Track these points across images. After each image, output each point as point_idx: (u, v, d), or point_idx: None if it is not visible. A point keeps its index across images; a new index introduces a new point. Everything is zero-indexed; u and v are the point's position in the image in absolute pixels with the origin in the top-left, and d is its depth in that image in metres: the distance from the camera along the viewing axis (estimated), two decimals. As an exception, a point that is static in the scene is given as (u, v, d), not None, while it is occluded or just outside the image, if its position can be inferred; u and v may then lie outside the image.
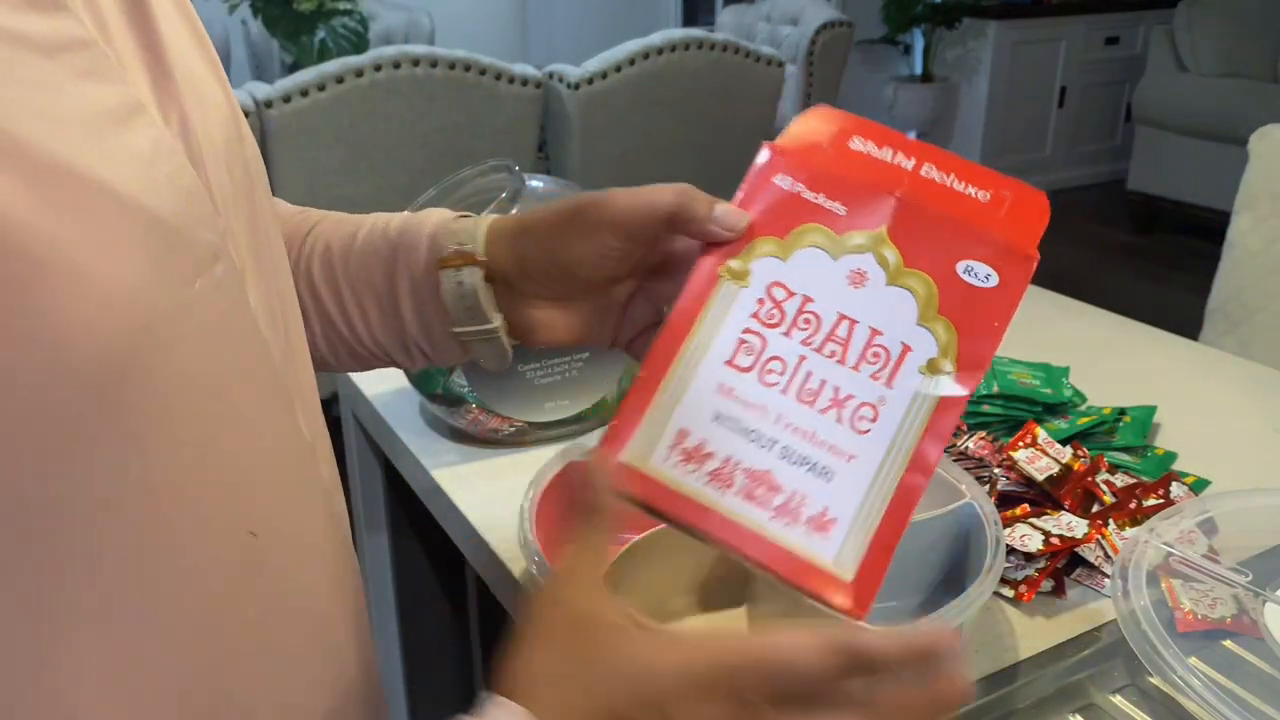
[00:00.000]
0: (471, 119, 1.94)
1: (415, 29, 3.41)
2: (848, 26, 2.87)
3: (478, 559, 0.78)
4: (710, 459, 0.40)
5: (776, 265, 0.43)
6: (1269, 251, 1.27)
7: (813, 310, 0.42)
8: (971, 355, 0.41)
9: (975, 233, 0.43)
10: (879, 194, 0.44)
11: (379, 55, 1.81)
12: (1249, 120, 1.73)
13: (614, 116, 2.09)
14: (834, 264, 0.43)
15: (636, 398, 0.41)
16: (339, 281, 0.51)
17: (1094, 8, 4.46)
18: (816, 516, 0.39)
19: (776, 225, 0.43)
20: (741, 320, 0.42)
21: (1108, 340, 1.12)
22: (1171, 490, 0.76)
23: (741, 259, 0.43)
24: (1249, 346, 1.27)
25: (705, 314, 0.42)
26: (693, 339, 0.42)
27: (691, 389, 0.41)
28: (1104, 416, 0.88)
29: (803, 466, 0.39)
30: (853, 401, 0.40)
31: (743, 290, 0.43)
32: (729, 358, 0.41)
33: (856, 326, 0.42)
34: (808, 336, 0.42)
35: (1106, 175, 4.81)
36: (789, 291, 0.42)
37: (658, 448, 0.40)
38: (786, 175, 0.44)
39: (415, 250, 0.49)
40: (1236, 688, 0.54)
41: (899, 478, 0.39)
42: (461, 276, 0.48)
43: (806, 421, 0.40)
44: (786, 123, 0.47)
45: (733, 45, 2.17)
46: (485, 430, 0.88)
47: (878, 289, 0.42)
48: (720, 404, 0.40)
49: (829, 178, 0.44)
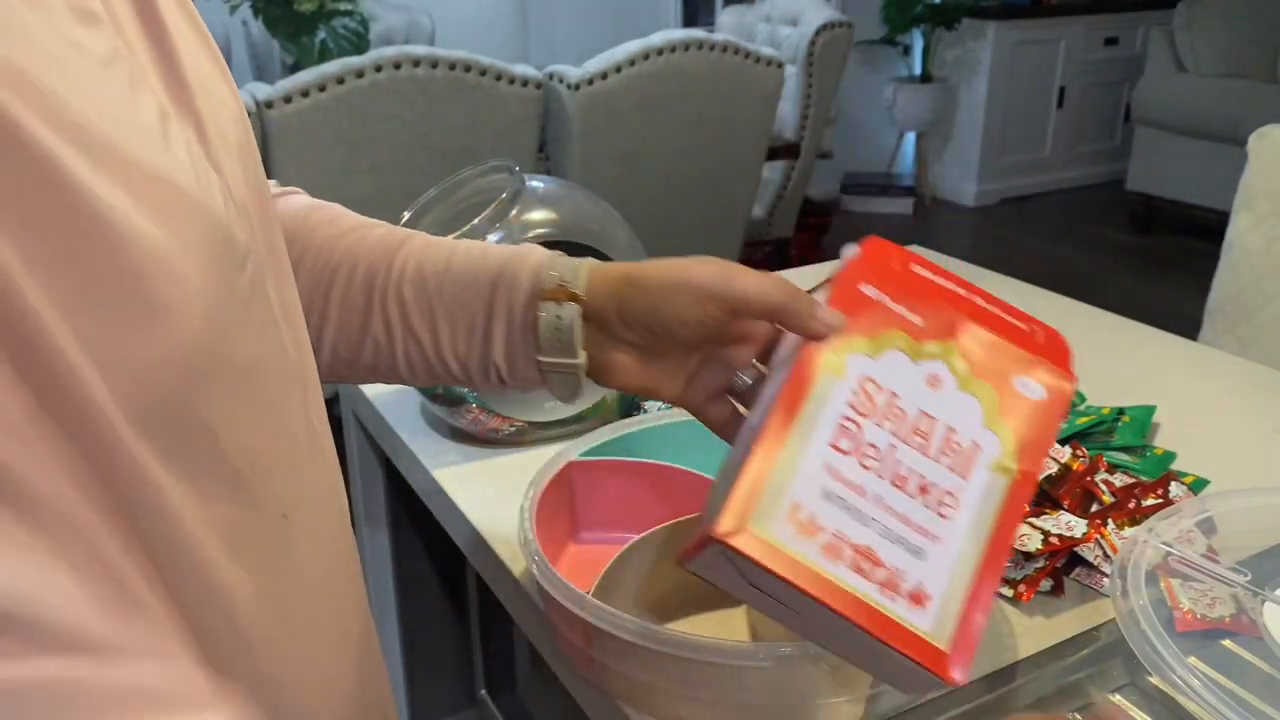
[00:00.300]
0: (472, 119, 1.94)
1: (416, 30, 3.40)
2: (847, 27, 2.87)
3: (478, 559, 0.79)
4: (821, 533, 0.43)
5: (868, 362, 0.48)
6: (1268, 251, 1.27)
7: (899, 406, 0.47)
8: (1030, 455, 0.47)
9: (1024, 354, 0.50)
10: (947, 312, 0.50)
11: (379, 56, 1.81)
12: (1248, 120, 1.73)
13: (614, 117, 2.09)
14: (914, 367, 0.48)
15: (753, 472, 0.44)
16: (433, 306, 0.54)
17: (1093, 8, 4.46)
18: (913, 591, 0.43)
19: (865, 327, 0.49)
20: (841, 408, 0.46)
21: (1107, 340, 1.13)
22: (1170, 490, 0.76)
23: (838, 353, 0.48)
24: (1248, 346, 1.27)
25: (809, 399, 0.46)
26: (801, 420, 0.46)
27: (802, 466, 0.45)
28: (1103, 416, 0.89)
29: (899, 545, 0.44)
30: (936, 489, 0.45)
31: (840, 381, 0.47)
32: (832, 440, 0.45)
33: (936, 424, 0.47)
34: (896, 428, 0.46)
35: (1106, 175, 4.82)
36: (879, 387, 0.47)
37: (776, 520, 0.43)
38: (872, 285, 0.50)
39: (517, 282, 0.52)
40: (1236, 687, 0.54)
41: (979, 557, 0.44)
42: (561, 311, 0.51)
43: (900, 504, 0.45)
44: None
45: (733, 46, 2.17)
46: (485, 430, 0.88)
47: (951, 393, 0.48)
48: (827, 482, 0.44)
49: (907, 293, 0.50)
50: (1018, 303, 0.55)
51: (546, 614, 0.66)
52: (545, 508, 0.71)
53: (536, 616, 0.69)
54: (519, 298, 0.52)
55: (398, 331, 0.54)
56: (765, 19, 3.19)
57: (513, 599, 0.74)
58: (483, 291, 0.53)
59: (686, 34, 2.13)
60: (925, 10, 4.21)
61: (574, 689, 0.65)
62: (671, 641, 0.55)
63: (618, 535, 0.74)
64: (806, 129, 2.86)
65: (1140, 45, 4.60)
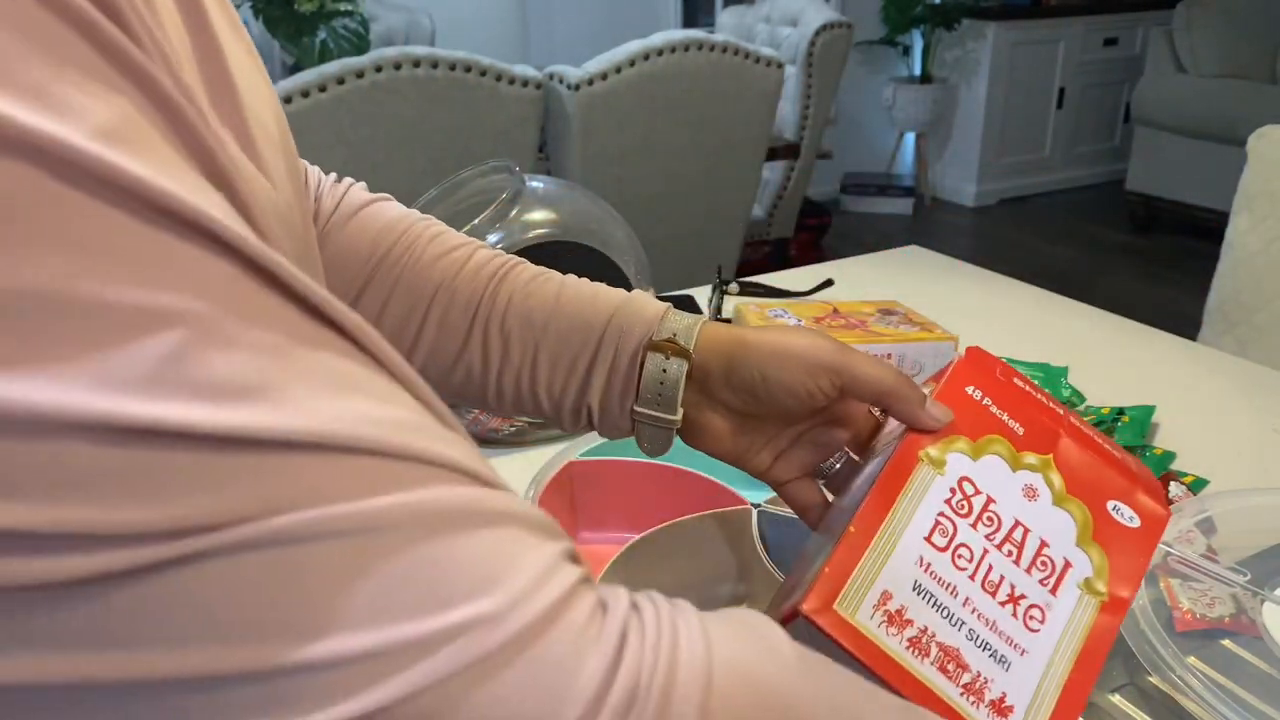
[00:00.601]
0: (472, 120, 1.94)
1: (416, 30, 3.41)
2: (847, 28, 2.87)
3: (478, 559, 0.79)
4: (910, 626, 0.42)
5: (967, 463, 0.48)
6: (1267, 252, 1.27)
7: (995, 511, 0.46)
8: (1121, 581, 0.46)
9: (1120, 480, 0.49)
10: (1046, 426, 0.50)
11: (380, 56, 1.81)
12: (1247, 121, 1.73)
13: (614, 117, 2.09)
14: (1012, 475, 0.48)
15: (848, 552, 0.44)
16: (537, 342, 0.53)
17: (1093, 9, 4.46)
18: (997, 701, 0.42)
19: (968, 428, 0.49)
20: (937, 504, 0.46)
21: (1106, 340, 1.13)
22: (1170, 490, 0.76)
23: (939, 449, 0.48)
24: (1247, 346, 1.27)
25: (908, 489, 0.46)
26: (897, 509, 0.45)
27: (896, 555, 0.44)
28: (1102, 416, 0.89)
29: (985, 651, 0.43)
30: (1025, 601, 0.44)
31: (939, 477, 0.47)
32: (926, 534, 0.45)
33: (1029, 535, 0.46)
34: (990, 533, 0.46)
35: (1105, 176, 4.82)
36: (976, 489, 0.47)
37: (864, 605, 0.42)
38: (978, 389, 0.50)
39: (628, 329, 0.52)
40: (1235, 687, 0.54)
41: (1065, 676, 0.43)
42: (668, 365, 0.51)
43: (989, 610, 0.44)
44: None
45: (732, 46, 2.17)
46: (485, 430, 0.88)
47: (1045, 506, 0.47)
48: (919, 575, 0.44)
49: (1008, 402, 0.50)
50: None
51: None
52: (545, 507, 0.71)
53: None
54: (627, 345, 0.52)
55: (495, 362, 0.54)
56: (765, 19, 3.19)
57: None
58: (591, 334, 0.52)
59: (686, 34, 2.13)
60: (925, 11, 4.21)
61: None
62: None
63: (618, 535, 0.74)
64: (806, 129, 2.86)
65: (1140, 46, 4.60)
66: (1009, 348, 1.05)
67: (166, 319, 0.23)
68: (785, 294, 1.23)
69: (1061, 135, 4.68)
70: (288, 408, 0.24)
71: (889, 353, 0.93)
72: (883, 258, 1.44)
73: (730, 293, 1.21)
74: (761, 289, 1.24)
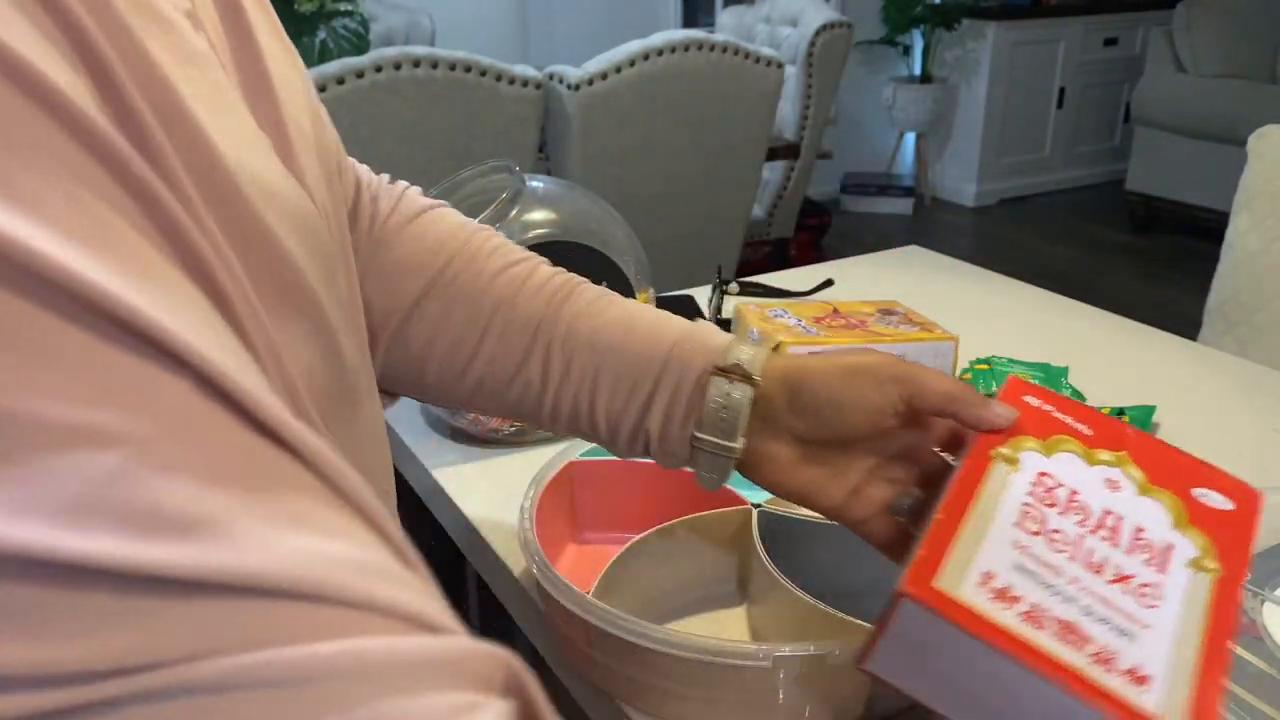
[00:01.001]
0: (472, 120, 1.94)
1: (416, 30, 3.40)
2: (847, 27, 2.87)
3: (477, 559, 0.79)
4: (1019, 602, 0.41)
5: (1041, 459, 0.47)
6: (1268, 252, 1.27)
7: (1080, 501, 0.46)
8: (1230, 558, 0.45)
9: (1200, 471, 0.49)
10: (1114, 427, 0.50)
11: (380, 56, 1.81)
12: (1247, 121, 1.73)
13: (614, 117, 2.09)
14: (1090, 470, 0.48)
15: (937, 538, 0.43)
16: (599, 365, 0.53)
17: (1093, 9, 4.46)
18: (1130, 671, 0.40)
19: (1034, 429, 0.49)
20: (1020, 495, 0.45)
21: (1106, 340, 1.13)
22: (1170, 490, 0.76)
23: (1010, 448, 0.48)
24: (1247, 346, 1.27)
25: (986, 481, 0.46)
26: (980, 498, 0.45)
27: (989, 539, 0.43)
28: (1103, 416, 0.89)
29: (1105, 625, 0.41)
30: (1134, 580, 0.43)
31: (1015, 473, 0.47)
32: (1016, 521, 0.44)
33: (1122, 520, 0.46)
34: (1081, 520, 0.45)
35: (1105, 176, 4.82)
36: (1057, 481, 0.47)
37: (966, 583, 0.41)
38: (1035, 397, 0.50)
39: (692, 355, 0.51)
40: (1236, 688, 0.54)
41: (1198, 650, 0.41)
42: (732, 389, 0.50)
43: (1099, 588, 0.42)
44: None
45: (732, 46, 2.17)
46: (485, 430, 0.88)
47: (1131, 496, 0.47)
48: (1018, 557, 0.43)
49: (1067, 409, 0.50)
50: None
51: (547, 614, 0.66)
52: (545, 508, 0.71)
53: (536, 616, 0.69)
54: (691, 370, 0.51)
55: (554, 380, 0.53)
56: (765, 19, 3.19)
57: (513, 599, 0.74)
58: (655, 358, 0.52)
59: (686, 34, 2.13)
60: (925, 10, 4.21)
61: (574, 688, 0.65)
62: (671, 641, 0.55)
63: (618, 535, 0.74)
64: (806, 129, 2.86)
65: (1140, 46, 4.60)
66: (1009, 348, 1.05)
67: (103, 439, 0.21)
68: (785, 294, 1.23)
69: (1061, 135, 4.68)
70: (227, 544, 0.22)
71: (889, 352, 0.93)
72: (883, 258, 1.44)
73: (730, 293, 1.21)
74: (761, 289, 1.24)
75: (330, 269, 0.37)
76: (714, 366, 0.51)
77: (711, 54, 2.15)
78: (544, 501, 0.71)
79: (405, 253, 0.55)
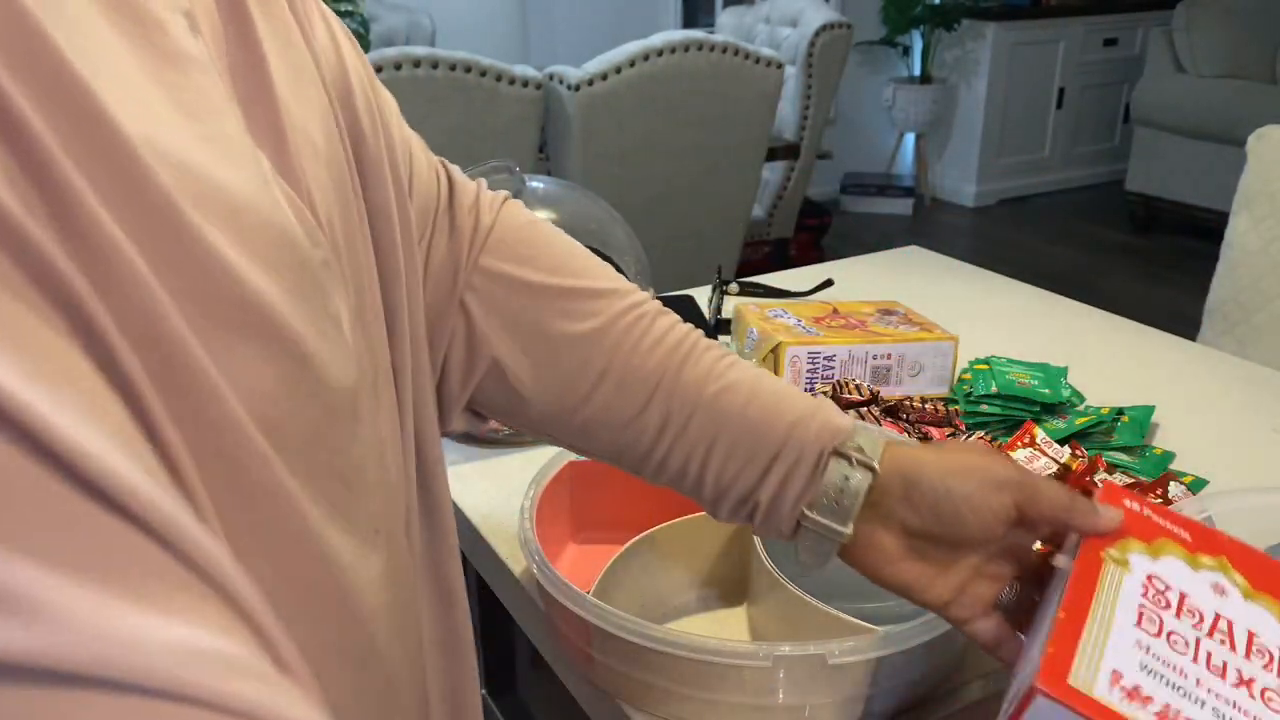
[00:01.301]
0: (472, 120, 1.94)
1: (416, 30, 3.41)
2: (847, 28, 2.87)
3: (478, 558, 0.79)
4: (1151, 702, 0.41)
5: (1149, 562, 0.48)
6: (1267, 252, 1.27)
7: (1192, 605, 0.46)
8: None
9: None
10: (1209, 534, 0.51)
11: (380, 57, 1.81)
12: (1247, 121, 1.73)
13: (614, 118, 2.09)
14: (1195, 574, 0.48)
15: (1064, 635, 0.43)
16: (719, 430, 0.52)
17: (1092, 9, 4.46)
18: None
19: (1137, 532, 0.49)
20: (1135, 597, 0.46)
21: (1106, 340, 1.13)
22: (1170, 490, 0.76)
23: (1119, 550, 0.48)
24: (1247, 346, 1.27)
25: (1102, 583, 0.46)
26: (1098, 599, 0.45)
27: (1113, 639, 0.44)
28: (1102, 416, 0.89)
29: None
30: (1257, 684, 0.43)
31: (1127, 575, 0.47)
32: (1135, 621, 0.45)
33: (1235, 625, 0.46)
34: (1195, 623, 0.45)
35: (1105, 176, 4.82)
36: (1166, 585, 0.47)
37: (1099, 681, 0.42)
38: (1134, 501, 0.51)
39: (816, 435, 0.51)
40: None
41: None
42: (851, 473, 0.50)
43: (1225, 691, 0.43)
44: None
45: (732, 47, 2.17)
46: (485, 430, 0.88)
47: (1238, 602, 0.47)
48: (1143, 658, 0.43)
49: (1164, 514, 0.51)
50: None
51: (547, 614, 0.66)
52: (545, 508, 0.71)
53: (536, 616, 0.69)
54: (812, 449, 0.50)
55: (669, 436, 0.52)
56: (765, 20, 3.19)
57: (513, 599, 0.74)
58: (778, 430, 0.51)
59: (686, 35, 2.13)
60: (924, 11, 4.21)
61: (574, 688, 0.65)
62: (672, 641, 0.55)
63: (618, 535, 0.74)
64: (806, 129, 2.86)
65: (1139, 46, 4.60)
66: (1009, 348, 1.05)
67: None
68: (785, 294, 1.23)
69: (1061, 135, 4.68)
70: (29, 621, 0.20)
71: (889, 352, 0.93)
72: (882, 258, 1.44)
73: (730, 293, 1.21)
74: (761, 289, 1.24)
75: (314, 285, 0.35)
76: (834, 448, 0.50)
77: (711, 54, 2.15)
78: (544, 501, 0.71)
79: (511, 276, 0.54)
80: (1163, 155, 3.98)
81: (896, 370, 0.93)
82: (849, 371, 0.92)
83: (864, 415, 0.86)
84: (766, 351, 0.93)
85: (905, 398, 0.90)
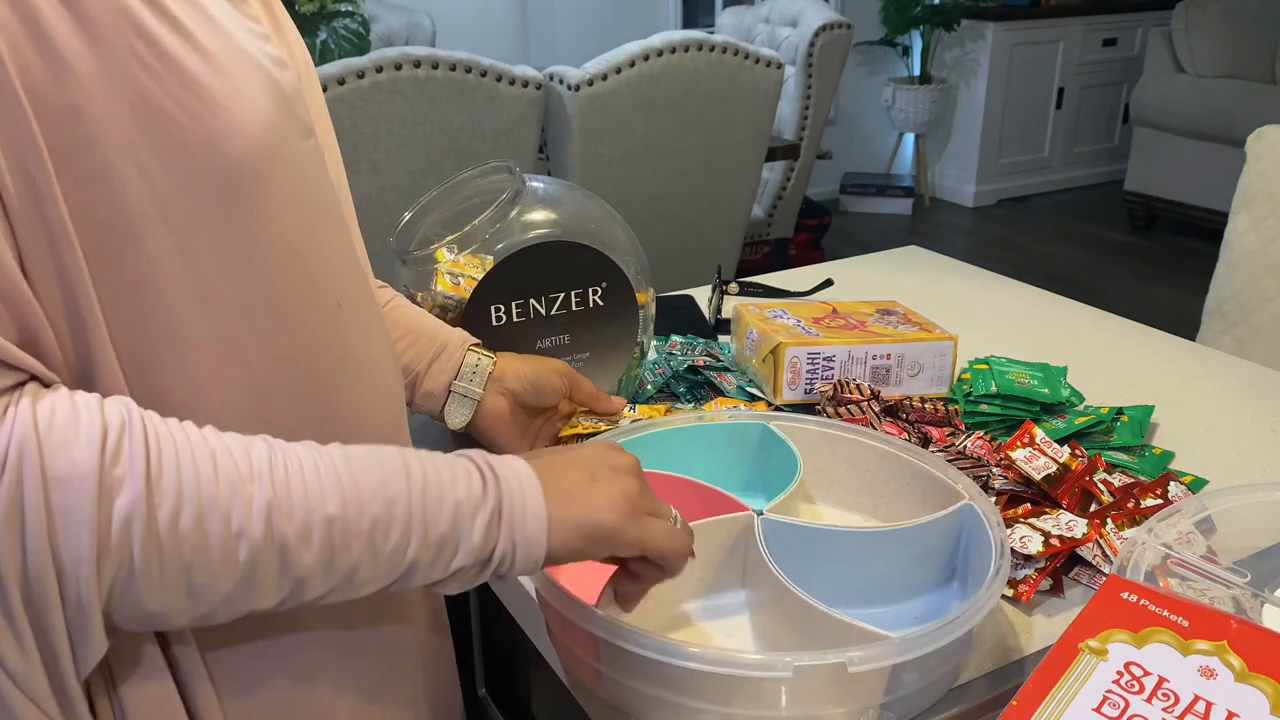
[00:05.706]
0: (472, 120, 1.94)
1: (416, 31, 3.41)
2: (846, 28, 2.87)
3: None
4: None
5: (1131, 650, 0.50)
6: (1266, 252, 1.27)
7: (1170, 688, 0.48)
8: None
9: None
10: (1214, 620, 0.51)
11: (380, 57, 1.81)
12: (1246, 121, 1.73)
13: (614, 118, 2.10)
14: (1184, 659, 0.49)
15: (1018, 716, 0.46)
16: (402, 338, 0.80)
17: (1092, 9, 4.46)
18: None
19: (1126, 623, 0.51)
20: (1104, 684, 0.48)
21: (1105, 340, 1.13)
22: (1169, 489, 0.76)
23: (1099, 641, 0.50)
24: (1246, 346, 1.27)
25: (1070, 673, 0.48)
26: (1059, 689, 0.47)
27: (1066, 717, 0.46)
28: (1101, 416, 0.89)
29: None
30: None
31: (1102, 663, 0.49)
32: (1095, 706, 0.46)
33: (1213, 707, 0.47)
34: (1168, 706, 0.47)
35: (1104, 176, 4.82)
36: (1145, 670, 0.49)
37: None
38: (1133, 594, 0.53)
39: (452, 350, 0.80)
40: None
41: None
42: (480, 359, 0.80)
43: None
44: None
45: (732, 47, 2.17)
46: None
47: (1228, 684, 0.48)
48: None
49: (1166, 603, 0.52)
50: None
51: (550, 627, 0.66)
52: (546, 508, 0.71)
53: (538, 619, 0.69)
54: (456, 343, 0.80)
55: None
56: (764, 20, 3.19)
57: (513, 599, 0.74)
58: (441, 333, 0.80)
59: (686, 35, 2.13)
60: (924, 11, 4.21)
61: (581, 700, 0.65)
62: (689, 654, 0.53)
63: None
64: (806, 129, 2.86)
65: (1139, 46, 4.60)
66: (1009, 348, 1.05)
67: None
68: (785, 294, 1.23)
69: (1061, 135, 4.68)
70: None
71: (888, 353, 0.93)
72: (882, 258, 1.44)
73: (730, 293, 1.22)
74: (761, 289, 1.24)
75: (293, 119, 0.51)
76: (469, 346, 0.80)
77: (711, 55, 2.15)
78: (545, 501, 0.71)
79: None
80: (1162, 155, 3.98)
81: (896, 370, 0.93)
82: (849, 372, 0.92)
83: (864, 413, 0.86)
84: (766, 352, 0.93)
85: (905, 397, 0.90)
